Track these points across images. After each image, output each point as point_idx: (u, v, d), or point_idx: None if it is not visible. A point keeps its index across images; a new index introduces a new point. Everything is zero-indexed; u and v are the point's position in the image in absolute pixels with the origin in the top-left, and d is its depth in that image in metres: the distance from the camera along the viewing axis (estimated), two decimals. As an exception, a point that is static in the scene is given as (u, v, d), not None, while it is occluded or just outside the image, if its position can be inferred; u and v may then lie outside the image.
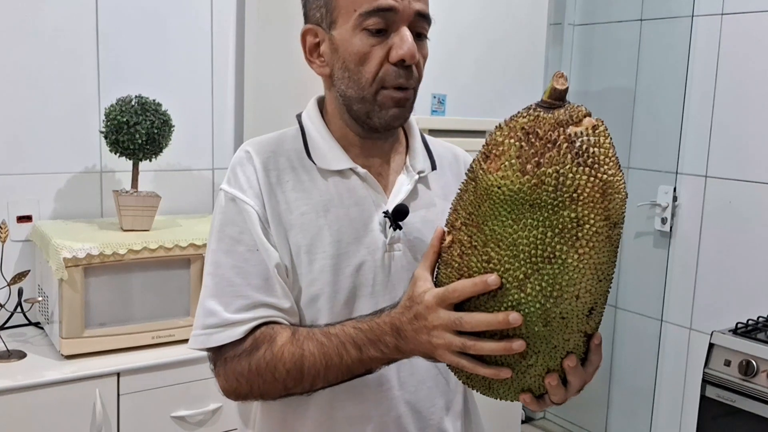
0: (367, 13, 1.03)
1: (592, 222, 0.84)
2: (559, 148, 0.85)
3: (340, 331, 0.99)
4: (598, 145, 0.86)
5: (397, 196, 1.13)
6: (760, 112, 2.45)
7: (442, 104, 2.13)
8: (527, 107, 0.90)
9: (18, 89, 2.13)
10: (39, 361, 1.89)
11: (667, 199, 2.72)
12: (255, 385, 1.04)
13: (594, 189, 0.84)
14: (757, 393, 2.04)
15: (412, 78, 1.07)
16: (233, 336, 1.04)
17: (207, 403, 1.96)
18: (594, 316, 0.91)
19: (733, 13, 2.50)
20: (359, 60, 1.05)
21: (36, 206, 2.18)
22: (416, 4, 1.05)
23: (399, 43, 1.03)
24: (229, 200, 1.09)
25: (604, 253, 0.86)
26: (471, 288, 0.87)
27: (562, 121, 0.87)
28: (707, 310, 2.63)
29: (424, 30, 1.08)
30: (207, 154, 2.49)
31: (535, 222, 0.85)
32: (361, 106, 1.08)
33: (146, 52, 2.32)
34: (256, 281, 1.05)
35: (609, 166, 0.85)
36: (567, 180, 0.84)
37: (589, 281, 0.86)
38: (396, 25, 1.04)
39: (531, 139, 0.86)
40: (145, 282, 1.98)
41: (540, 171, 0.84)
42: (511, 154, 0.86)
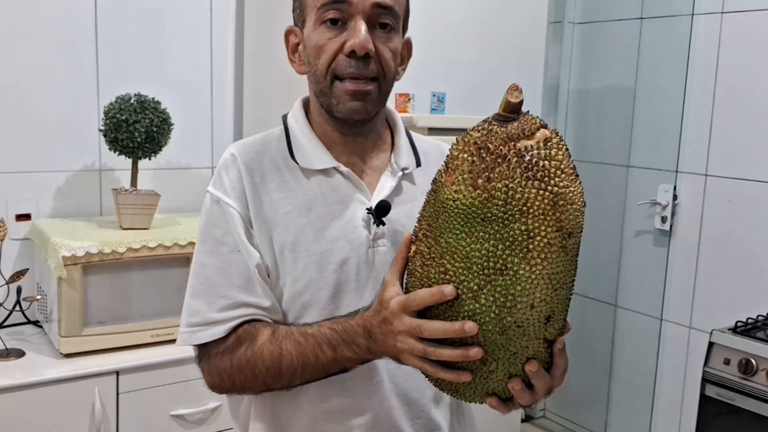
0: (322, 6, 1.06)
1: (543, 234, 0.87)
2: (508, 162, 0.87)
3: (317, 331, 1.03)
4: (549, 158, 0.88)
5: (380, 192, 1.14)
6: (760, 111, 2.45)
7: (442, 102, 2.13)
8: (484, 120, 0.92)
9: (17, 87, 2.13)
10: (38, 360, 1.89)
11: (667, 198, 2.71)
12: (237, 380, 1.08)
13: (544, 201, 0.86)
14: (756, 391, 2.03)
15: (368, 69, 1.07)
16: (216, 334, 1.08)
17: (206, 401, 1.96)
18: (553, 323, 0.93)
19: (733, 12, 2.50)
20: (317, 53, 1.08)
21: (35, 204, 2.18)
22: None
23: (351, 34, 1.05)
24: (213, 202, 1.13)
25: (559, 263, 0.89)
26: (429, 297, 0.90)
27: (513, 135, 0.89)
28: (707, 309, 2.63)
29: (390, 21, 1.08)
30: (206, 153, 2.49)
31: (486, 235, 0.88)
32: (323, 99, 1.11)
33: (145, 50, 2.32)
34: (238, 281, 1.09)
35: (560, 178, 0.87)
36: (516, 194, 0.86)
37: (544, 291, 0.89)
38: (352, 18, 1.05)
39: (482, 154, 0.89)
40: (144, 280, 1.98)
41: (490, 186, 0.87)
42: (464, 168, 0.89)
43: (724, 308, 2.54)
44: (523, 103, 0.91)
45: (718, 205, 2.58)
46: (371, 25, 1.06)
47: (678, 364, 2.74)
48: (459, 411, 1.23)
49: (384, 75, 1.09)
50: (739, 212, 2.51)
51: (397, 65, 1.12)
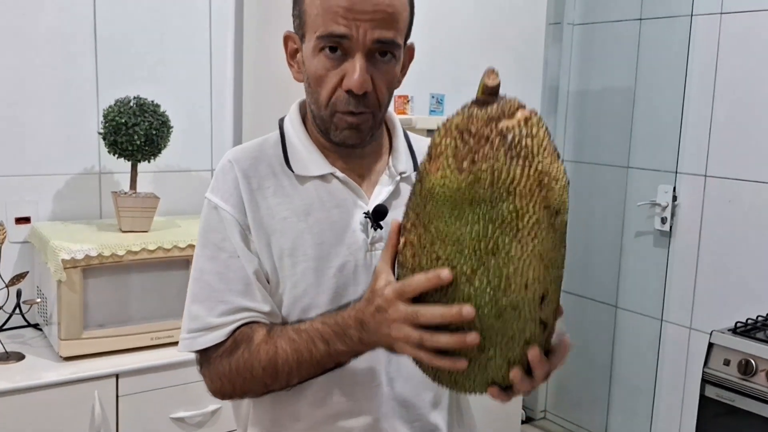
0: (322, 37, 1.04)
1: (532, 212, 0.87)
2: (491, 143, 0.87)
3: (309, 327, 1.03)
4: (531, 136, 0.87)
5: (378, 197, 1.15)
6: (759, 111, 2.45)
7: (441, 104, 2.13)
8: (463, 106, 0.92)
9: (16, 90, 2.13)
10: (38, 363, 1.89)
11: (667, 199, 2.71)
12: (237, 384, 1.09)
13: (530, 180, 0.86)
14: (756, 392, 2.03)
15: (364, 105, 1.06)
16: (216, 339, 1.09)
17: (206, 404, 1.96)
18: (547, 303, 0.93)
19: (732, 12, 2.50)
20: (317, 81, 1.07)
21: (34, 207, 2.18)
22: (375, 33, 1.03)
23: (350, 72, 1.04)
24: (211, 208, 1.14)
25: (548, 241, 0.89)
26: (425, 282, 0.90)
27: (494, 116, 0.89)
28: (707, 310, 2.63)
29: (390, 51, 1.06)
30: (206, 155, 2.49)
31: (475, 217, 0.87)
32: (321, 123, 1.11)
33: (144, 53, 2.32)
34: (237, 287, 1.10)
35: (543, 156, 0.87)
36: (502, 174, 0.86)
37: (536, 270, 0.89)
38: (351, 52, 1.04)
39: (465, 137, 0.88)
40: (143, 283, 1.98)
41: (475, 168, 0.87)
42: (448, 153, 0.89)
43: (724, 309, 2.54)
44: (499, 85, 0.91)
45: (718, 206, 2.58)
46: (371, 55, 1.05)
47: (678, 365, 2.74)
48: (458, 413, 1.23)
49: (379, 106, 1.09)
50: (739, 213, 2.51)
51: (392, 93, 1.11)
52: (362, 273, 1.11)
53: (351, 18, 1.02)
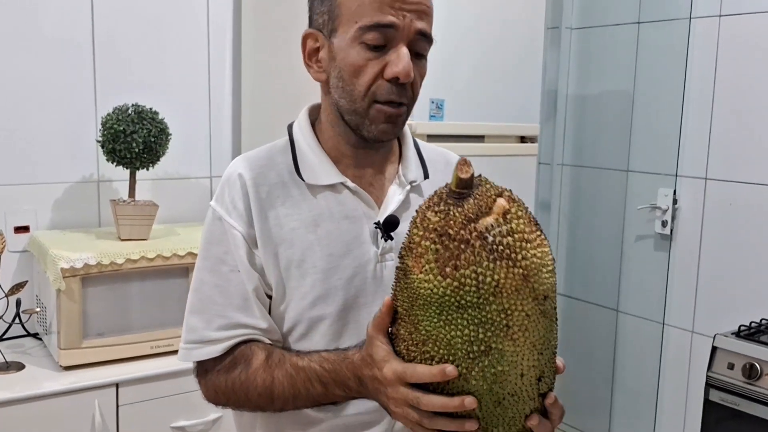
0: (367, 27, 1.03)
1: (520, 308, 0.87)
2: (472, 247, 0.86)
3: (308, 366, 1.03)
4: (512, 233, 0.87)
5: (388, 207, 1.14)
6: (759, 113, 2.44)
7: (441, 109, 2.13)
8: (438, 197, 0.91)
9: (14, 99, 2.12)
10: (37, 373, 1.88)
11: (668, 202, 2.71)
12: (231, 399, 1.10)
13: (515, 278, 0.86)
14: (761, 396, 2.02)
15: (405, 96, 1.07)
16: (212, 353, 1.09)
17: (207, 413, 1.95)
18: (544, 380, 0.93)
19: (731, 15, 2.49)
20: (354, 72, 1.05)
21: (33, 216, 2.17)
22: (418, 23, 1.04)
23: (395, 60, 1.03)
24: (216, 219, 1.12)
25: (540, 328, 0.89)
26: (429, 376, 0.90)
27: (471, 215, 0.88)
28: (709, 313, 2.62)
29: (424, 50, 1.08)
30: (204, 163, 2.48)
31: (465, 321, 0.87)
32: (352, 118, 1.09)
33: (143, 60, 2.32)
34: (236, 301, 1.09)
35: (527, 250, 0.87)
36: (486, 278, 0.86)
37: (530, 358, 0.89)
38: (395, 42, 1.04)
39: (445, 241, 0.88)
40: (143, 291, 1.97)
41: (459, 273, 0.86)
42: (429, 258, 0.88)
43: (726, 312, 2.53)
44: (473, 176, 0.90)
45: (719, 209, 2.58)
46: (410, 50, 1.05)
47: (681, 369, 2.73)
48: None
49: (413, 99, 1.09)
50: (740, 215, 2.51)
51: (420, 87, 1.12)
52: (371, 285, 1.10)
53: (398, 7, 1.02)
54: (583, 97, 3.05)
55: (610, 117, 2.94)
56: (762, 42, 2.42)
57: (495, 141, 2.29)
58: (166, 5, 2.34)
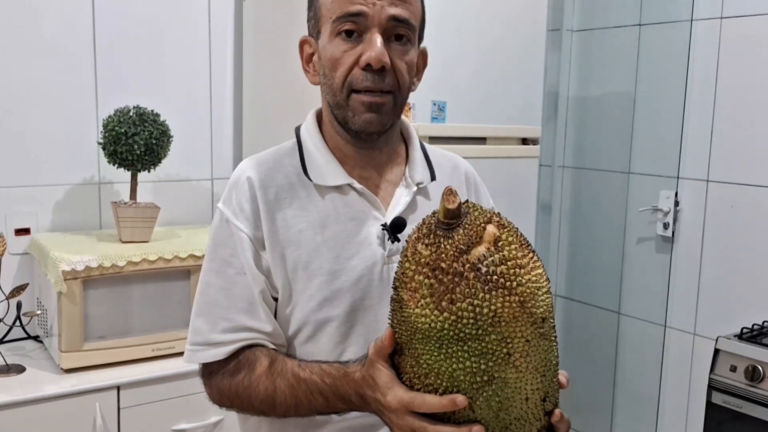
0: (338, 18, 1.05)
1: (520, 334, 0.87)
2: (467, 279, 0.86)
3: (309, 378, 1.03)
4: (504, 260, 0.87)
5: (395, 208, 1.14)
6: (760, 116, 2.44)
7: (442, 111, 2.12)
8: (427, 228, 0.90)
9: (15, 100, 2.12)
10: (38, 375, 1.87)
11: (669, 204, 2.70)
12: (235, 403, 1.11)
13: (512, 306, 0.86)
14: (763, 398, 2.02)
15: (383, 83, 1.06)
16: (216, 356, 1.10)
17: (208, 415, 1.95)
18: (549, 399, 0.94)
19: (732, 17, 2.49)
20: (332, 65, 1.07)
21: (34, 219, 2.17)
22: (390, 9, 1.05)
23: (367, 47, 1.04)
24: (223, 221, 1.12)
25: (540, 351, 0.89)
26: (439, 407, 0.89)
27: (462, 247, 0.87)
28: (711, 316, 2.61)
29: (406, 33, 1.07)
30: (206, 165, 2.48)
31: (465, 354, 0.87)
32: (339, 112, 1.09)
33: (144, 62, 2.32)
34: (241, 304, 1.09)
35: (521, 276, 0.87)
36: (483, 309, 0.85)
37: (534, 381, 0.90)
38: (368, 30, 1.05)
39: (438, 275, 0.87)
40: (144, 294, 1.96)
41: (455, 307, 0.86)
42: (424, 292, 0.88)
43: (729, 314, 2.53)
44: (461, 204, 0.90)
45: (720, 211, 2.57)
46: (387, 37, 1.05)
47: (683, 372, 2.72)
48: None
49: (399, 88, 1.08)
50: (742, 217, 2.50)
51: (412, 77, 1.11)
52: (378, 287, 1.10)
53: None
54: (585, 99, 3.05)
55: (611, 119, 2.94)
56: (763, 44, 2.42)
57: (496, 143, 2.29)
58: (168, 7, 2.34)
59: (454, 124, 2.15)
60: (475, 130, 2.21)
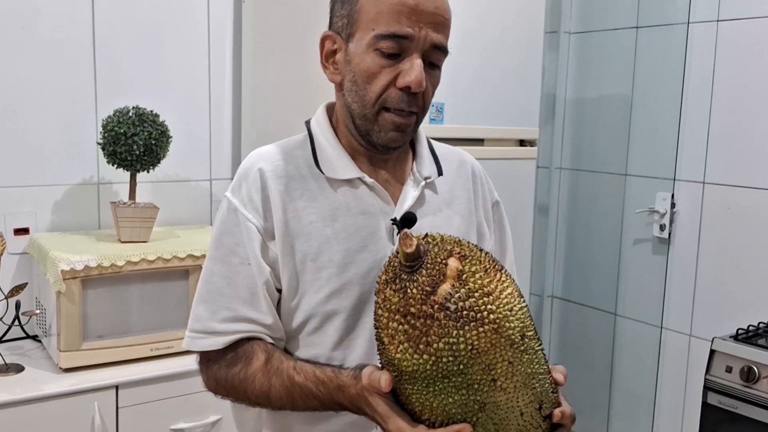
0: (383, 36, 1.04)
1: (501, 359, 0.88)
2: (438, 320, 0.87)
3: (303, 383, 1.04)
4: (471, 293, 0.88)
5: (404, 203, 1.15)
6: (757, 118, 2.45)
7: (441, 113, 2.13)
8: (393, 272, 0.92)
9: (14, 100, 2.12)
10: (37, 375, 1.88)
11: (666, 206, 2.71)
12: (231, 394, 1.12)
13: (488, 335, 0.87)
14: (759, 399, 2.03)
15: (415, 105, 1.08)
16: (214, 345, 1.10)
17: (207, 415, 1.95)
18: (545, 405, 0.95)
19: (729, 20, 2.50)
20: (367, 78, 1.07)
21: (33, 218, 2.17)
22: (434, 36, 1.06)
23: (409, 70, 1.05)
24: (231, 210, 1.12)
25: (525, 366, 0.90)
26: None
27: (428, 289, 0.88)
28: (707, 317, 2.62)
29: (439, 61, 1.10)
30: (205, 165, 2.48)
31: (452, 388, 0.89)
32: (362, 123, 1.10)
33: (143, 62, 2.32)
34: (244, 294, 1.10)
35: (490, 303, 0.88)
36: (459, 345, 0.87)
37: (525, 396, 0.91)
38: (409, 52, 1.05)
39: (410, 320, 0.89)
40: (143, 294, 1.97)
41: (433, 348, 0.88)
42: (401, 338, 0.90)
43: (724, 316, 2.54)
44: (419, 246, 0.91)
45: (717, 213, 2.58)
46: (424, 61, 1.07)
47: (679, 373, 2.73)
48: None
49: (423, 108, 1.10)
50: (738, 219, 2.51)
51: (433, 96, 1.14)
52: None
53: (415, 19, 1.04)
54: (582, 101, 3.06)
55: (608, 121, 2.95)
56: (759, 47, 2.43)
57: (494, 144, 2.30)
58: (167, 8, 2.35)
59: (451, 126, 2.15)
60: (473, 131, 2.22)
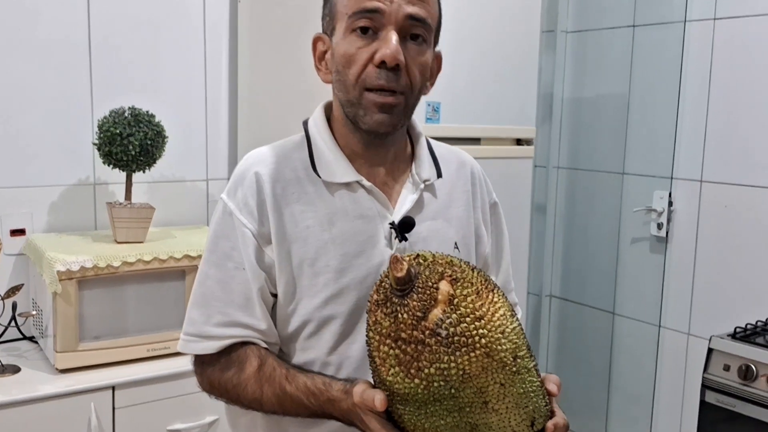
0: (353, 14, 1.04)
1: (493, 382, 0.88)
2: (429, 346, 0.87)
3: (294, 394, 1.03)
4: (462, 318, 0.87)
5: (402, 206, 1.13)
6: (754, 116, 2.45)
7: (437, 112, 2.13)
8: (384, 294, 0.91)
9: (10, 101, 2.12)
10: (33, 376, 1.87)
11: (663, 205, 2.71)
12: (224, 396, 1.12)
13: (479, 360, 0.86)
14: (756, 397, 2.03)
15: (396, 82, 1.05)
16: (207, 349, 1.10)
17: (203, 415, 1.95)
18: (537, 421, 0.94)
19: (725, 18, 2.51)
20: (346, 62, 1.05)
21: (29, 219, 2.17)
22: (408, 8, 1.03)
23: (382, 44, 1.03)
24: (226, 214, 1.11)
25: (517, 386, 0.90)
26: None
27: (418, 314, 0.88)
28: (705, 315, 2.62)
29: (422, 33, 1.06)
30: (201, 165, 2.48)
31: (444, 411, 0.89)
32: (350, 110, 1.08)
33: (139, 63, 2.32)
34: (238, 299, 1.09)
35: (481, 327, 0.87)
36: (451, 370, 0.86)
37: (517, 415, 0.90)
38: (384, 28, 1.03)
39: (402, 345, 0.88)
40: (139, 294, 1.96)
41: (424, 374, 0.87)
42: (392, 362, 0.89)
43: (722, 314, 2.54)
44: (410, 269, 0.90)
45: (714, 211, 2.58)
46: (403, 36, 1.04)
47: (677, 371, 2.73)
48: None
49: (412, 89, 1.07)
50: (735, 218, 2.51)
51: (425, 79, 1.10)
52: None
53: None
54: (579, 100, 3.06)
55: (605, 120, 2.95)
56: (756, 45, 2.43)
57: (491, 144, 2.30)
58: (163, 8, 2.35)
59: (448, 125, 2.15)
60: (470, 130, 2.22)
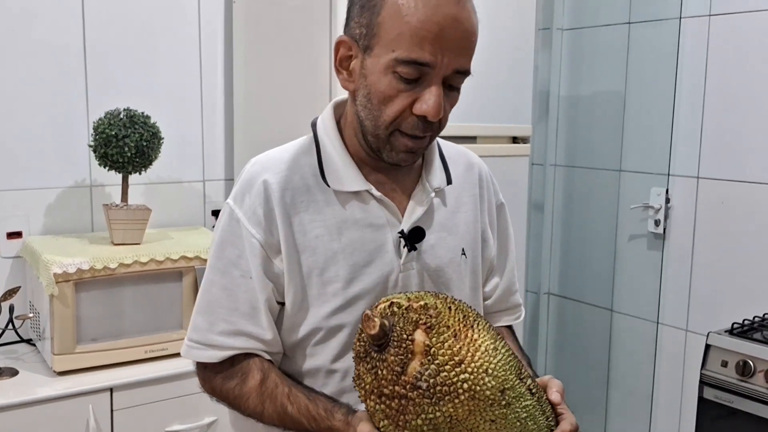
0: (402, 61, 0.99)
1: (482, 419, 0.88)
2: (412, 400, 0.87)
3: (296, 415, 1.03)
4: (441, 367, 0.87)
5: (412, 215, 1.12)
6: (750, 112, 2.45)
7: (433, 110, 2.13)
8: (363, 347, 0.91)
9: (5, 104, 2.12)
10: (31, 378, 1.87)
11: (660, 201, 2.72)
12: (225, 403, 1.12)
13: (464, 404, 0.87)
14: (754, 393, 2.03)
15: (430, 129, 1.04)
16: (211, 358, 1.10)
17: (202, 416, 1.95)
18: None
19: (721, 14, 2.51)
20: (383, 100, 1.02)
21: (26, 222, 2.16)
22: (456, 62, 1.01)
23: (426, 98, 1.00)
24: (233, 220, 1.09)
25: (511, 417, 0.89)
26: None
27: (397, 369, 0.88)
28: (703, 311, 2.62)
29: (459, 84, 1.05)
30: (197, 166, 2.48)
31: None
32: (374, 141, 1.06)
33: (134, 64, 2.31)
34: (244, 308, 1.08)
35: (462, 371, 0.87)
36: (437, 419, 0.87)
37: None
38: (428, 79, 1.01)
39: (385, 401, 0.89)
40: (136, 296, 1.96)
41: (411, 425, 0.88)
42: (380, 416, 0.91)
43: (720, 310, 2.54)
44: (383, 325, 0.90)
45: (711, 207, 2.58)
46: (444, 84, 1.02)
47: (675, 368, 2.73)
48: None
49: (439, 128, 1.07)
50: (732, 214, 2.51)
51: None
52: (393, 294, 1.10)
53: (438, 46, 0.99)
54: (575, 97, 3.06)
55: (601, 117, 2.95)
56: (752, 41, 2.43)
57: (487, 142, 2.30)
58: (158, 10, 2.34)
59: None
60: (466, 129, 2.21)
